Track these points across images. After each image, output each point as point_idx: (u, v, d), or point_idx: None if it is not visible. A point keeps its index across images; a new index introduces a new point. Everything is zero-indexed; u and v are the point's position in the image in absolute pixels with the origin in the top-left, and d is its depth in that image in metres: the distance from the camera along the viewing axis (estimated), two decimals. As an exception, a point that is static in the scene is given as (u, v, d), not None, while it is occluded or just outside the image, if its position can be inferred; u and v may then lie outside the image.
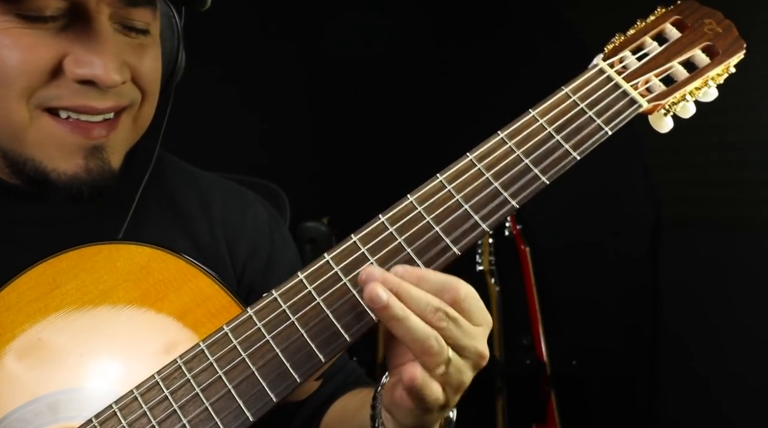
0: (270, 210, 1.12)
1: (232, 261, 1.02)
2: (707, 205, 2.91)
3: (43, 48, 0.80)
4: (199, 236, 1.00)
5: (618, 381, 3.15)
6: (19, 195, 0.90)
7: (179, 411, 0.72)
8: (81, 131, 0.84)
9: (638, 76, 0.82)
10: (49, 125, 0.83)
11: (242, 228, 1.05)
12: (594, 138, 0.79)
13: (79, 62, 0.81)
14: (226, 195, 1.07)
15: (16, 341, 0.77)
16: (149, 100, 0.90)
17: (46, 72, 0.81)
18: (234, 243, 1.03)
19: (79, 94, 0.82)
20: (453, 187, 0.77)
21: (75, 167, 0.85)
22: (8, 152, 0.86)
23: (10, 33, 0.79)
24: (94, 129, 0.85)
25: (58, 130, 0.84)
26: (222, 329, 0.74)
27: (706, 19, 0.85)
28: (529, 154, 0.78)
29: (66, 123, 0.84)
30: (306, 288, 0.74)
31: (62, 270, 0.80)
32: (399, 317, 0.68)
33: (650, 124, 0.85)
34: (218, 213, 1.04)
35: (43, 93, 0.82)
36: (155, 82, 0.90)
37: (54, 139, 0.84)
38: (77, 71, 0.81)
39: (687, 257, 3.00)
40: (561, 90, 0.81)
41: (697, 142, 2.79)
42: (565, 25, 3.12)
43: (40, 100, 0.82)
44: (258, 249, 1.05)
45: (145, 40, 0.87)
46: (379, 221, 0.76)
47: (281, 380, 0.72)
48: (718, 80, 0.83)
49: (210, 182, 1.08)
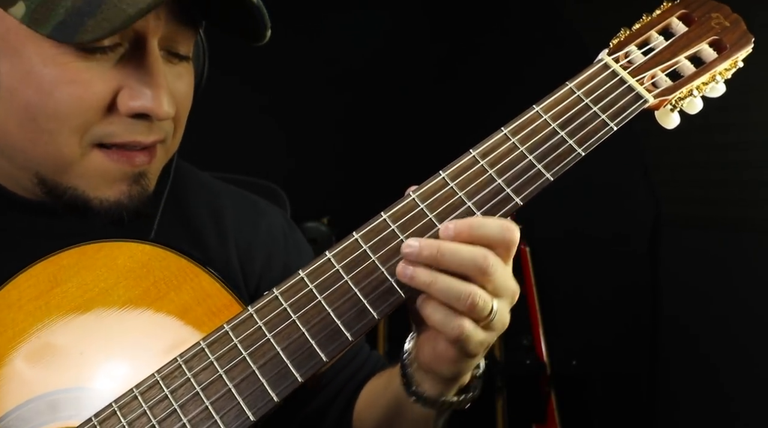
0: (284, 215, 1.12)
1: (245, 274, 1.01)
2: (708, 204, 2.91)
3: (99, 83, 0.79)
4: (209, 250, 0.99)
5: (618, 381, 3.15)
6: (38, 210, 0.89)
7: (179, 410, 0.71)
8: (126, 161, 0.84)
9: (644, 70, 0.81)
10: (98, 158, 0.83)
11: (256, 240, 1.04)
12: (599, 133, 0.78)
13: (134, 96, 0.80)
14: (239, 206, 1.06)
15: (17, 339, 0.77)
16: (180, 126, 0.90)
17: (102, 108, 0.80)
18: (248, 255, 1.02)
19: (130, 130, 0.82)
20: (456, 184, 0.76)
21: (118, 194, 0.86)
22: (48, 181, 0.85)
23: (68, 68, 0.77)
24: (137, 157, 0.85)
25: (105, 161, 0.84)
26: (222, 327, 0.74)
27: (713, 12, 0.83)
28: (533, 150, 0.77)
29: (112, 153, 0.84)
30: (307, 287, 0.74)
31: (63, 267, 0.80)
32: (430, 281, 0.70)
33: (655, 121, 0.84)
34: (230, 225, 1.03)
35: (97, 130, 0.81)
36: (188, 109, 0.90)
37: (100, 171, 0.84)
38: (131, 104, 0.80)
39: (687, 257, 2.99)
40: (565, 85, 0.80)
41: (697, 141, 2.79)
42: (565, 25, 3.11)
43: (93, 137, 0.82)
44: (273, 260, 1.04)
45: (183, 68, 0.87)
46: (381, 218, 0.75)
47: (282, 379, 0.71)
48: (726, 75, 0.82)
49: (223, 193, 1.07)
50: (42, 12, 0.74)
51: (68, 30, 0.73)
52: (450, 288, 0.70)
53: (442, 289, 0.70)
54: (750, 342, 2.65)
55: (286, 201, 1.52)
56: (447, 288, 0.70)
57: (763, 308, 2.61)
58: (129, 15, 0.73)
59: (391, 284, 0.73)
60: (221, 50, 1.01)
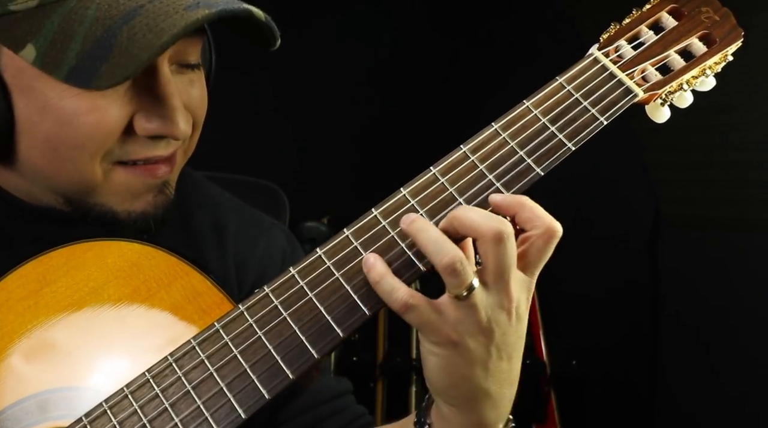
0: (288, 236, 1.11)
1: (239, 288, 1.00)
2: (708, 204, 2.90)
3: (115, 109, 0.79)
4: (208, 263, 0.99)
5: (618, 380, 3.14)
6: (49, 217, 0.89)
7: (170, 408, 0.71)
8: (149, 174, 0.85)
9: (634, 65, 0.81)
10: (121, 175, 0.84)
11: (252, 255, 1.03)
12: (589, 128, 0.78)
13: (150, 119, 0.81)
14: (242, 221, 1.06)
15: (5, 340, 0.76)
16: (197, 129, 0.90)
17: (120, 132, 0.81)
18: (243, 269, 1.02)
19: (149, 147, 0.83)
20: (446, 179, 0.76)
21: (144, 205, 0.87)
22: (74, 201, 0.86)
23: (84, 98, 0.77)
24: (159, 169, 0.85)
25: (129, 177, 0.84)
26: (213, 326, 0.73)
27: (702, 7, 0.83)
28: (524, 145, 0.77)
29: (135, 169, 0.84)
30: (298, 284, 0.73)
31: (52, 267, 0.79)
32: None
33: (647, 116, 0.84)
34: (231, 239, 1.03)
35: (117, 151, 0.82)
36: (204, 112, 0.90)
37: (126, 186, 0.85)
38: (148, 127, 0.81)
39: (687, 257, 2.99)
40: (555, 80, 0.80)
41: (697, 141, 2.79)
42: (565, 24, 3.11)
43: (113, 157, 0.82)
44: (265, 277, 1.02)
45: (194, 74, 0.87)
46: (371, 215, 0.75)
47: (273, 376, 0.71)
48: (716, 69, 0.82)
49: (228, 206, 1.07)
50: (53, 56, 0.74)
51: (83, 76, 0.74)
52: (438, 240, 0.69)
53: (431, 237, 0.69)
54: (750, 343, 2.65)
55: (286, 201, 1.52)
56: (436, 238, 0.69)
57: (763, 308, 2.61)
58: (142, 60, 0.73)
59: None
60: (221, 50, 1.01)
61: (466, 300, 0.69)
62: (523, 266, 0.72)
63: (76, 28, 0.74)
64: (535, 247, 0.72)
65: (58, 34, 0.74)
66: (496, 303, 0.70)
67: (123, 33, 0.73)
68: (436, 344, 0.71)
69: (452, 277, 0.68)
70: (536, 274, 0.73)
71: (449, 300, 0.70)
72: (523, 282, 0.72)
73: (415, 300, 0.70)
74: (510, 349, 0.73)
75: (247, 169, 1.54)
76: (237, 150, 2.70)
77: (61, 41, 0.74)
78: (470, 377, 0.72)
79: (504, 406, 0.77)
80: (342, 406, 1.02)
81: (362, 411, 1.04)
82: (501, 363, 0.73)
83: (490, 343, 0.71)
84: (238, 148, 2.78)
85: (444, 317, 0.70)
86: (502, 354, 0.72)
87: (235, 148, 2.72)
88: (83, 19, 0.74)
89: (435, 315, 0.70)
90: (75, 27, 0.74)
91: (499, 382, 0.74)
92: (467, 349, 0.71)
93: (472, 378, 0.72)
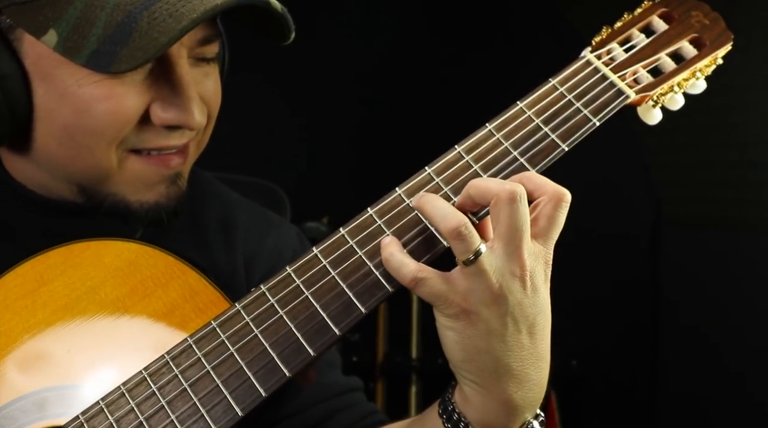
0: (299, 234, 1.12)
1: (248, 283, 1.01)
2: (708, 204, 2.90)
3: (133, 97, 0.80)
4: (216, 262, 0.99)
5: (618, 380, 3.14)
6: (60, 210, 0.91)
7: (167, 406, 0.71)
8: (162, 164, 0.86)
9: (626, 67, 0.82)
10: (136, 164, 0.85)
11: (261, 249, 1.04)
12: (583, 129, 0.79)
13: (166, 109, 0.82)
14: (251, 218, 1.07)
15: (2, 339, 0.77)
16: (211, 122, 0.92)
17: (136, 120, 0.82)
18: (251, 267, 1.02)
19: (163, 136, 0.85)
20: (441, 179, 0.77)
21: (157, 196, 0.88)
22: (88, 190, 0.87)
23: (102, 85, 0.79)
24: (173, 159, 0.87)
25: (143, 166, 0.86)
26: (210, 324, 0.74)
27: (693, 11, 0.85)
28: (518, 145, 0.78)
29: (148, 158, 0.86)
30: (294, 282, 0.74)
31: (50, 266, 0.80)
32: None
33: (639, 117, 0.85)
34: (239, 236, 1.04)
35: (132, 139, 0.83)
36: (218, 105, 0.92)
37: (139, 176, 0.86)
38: (164, 116, 0.82)
39: (687, 257, 2.99)
40: (548, 82, 0.81)
41: (697, 141, 2.79)
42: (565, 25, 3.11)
43: (128, 145, 0.84)
44: (274, 272, 1.03)
45: (210, 67, 0.89)
46: (367, 214, 0.76)
47: (270, 374, 0.72)
48: (707, 72, 0.84)
49: (237, 206, 1.08)
50: (74, 40, 0.75)
51: (103, 60, 0.75)
52: (444, 208, 0.70)
53: (437, 206, 0.71)
54: (751, 343, 2.65)
55: (287, 201, 1.52)
56: (441, 207, 0.71)
57: (764, 308, 2.61)
58: (161, 44, 0.74)
59: (378, 278, 0.73)
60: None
61: (474, 265, 0.68)
62: (535, 233, 0.72)
63: (98, 14, 0.75)
64: (544, 213, 0.72)
65: (80, 20, 0.75)
66: (506, 270, 0.69)
67: (143, 18, 0.74)
68: (449, 317, 0.71)
69: (458, 241, 0.68)
70: (550, 244, 0.73)
71: (459, 270, 0.70)
72: (538, 252, 0.72)
73: (425, 273, 0.70)
74: (529, 322, 0.72)
75: (248, 169, 1.54)
76: (237, 150, 2.70)
77: (82, 26, 0.75)
78: (487, 349, 0.71)
79: (530, 389, 0.75)
80: (353, 401, 1.02)
81: (374, 409, 1.03)
82: (520, 337, 0.71)
83: (505, 313, 0.70)
84: (238, 148, 2.78)
85: (455, 287, 0.70)
86: (520, 326, 0.71)
87: (235, 148, 2.72)
88: (105, 4, 0.75)
89: (446, 286, 0.70)
90: (97, 12, 0.75)
91: (520, 359, 0.72)
92: (481, 319, 0.70)
93: (490, 350, 0.71)
